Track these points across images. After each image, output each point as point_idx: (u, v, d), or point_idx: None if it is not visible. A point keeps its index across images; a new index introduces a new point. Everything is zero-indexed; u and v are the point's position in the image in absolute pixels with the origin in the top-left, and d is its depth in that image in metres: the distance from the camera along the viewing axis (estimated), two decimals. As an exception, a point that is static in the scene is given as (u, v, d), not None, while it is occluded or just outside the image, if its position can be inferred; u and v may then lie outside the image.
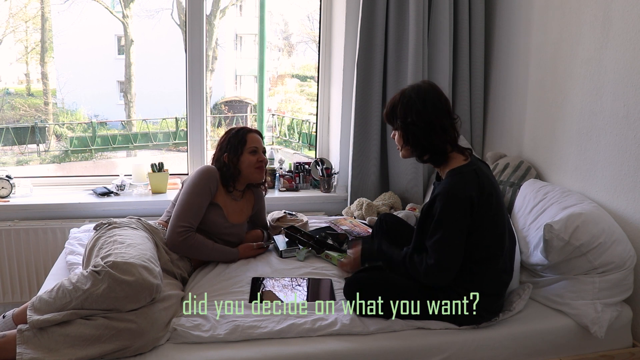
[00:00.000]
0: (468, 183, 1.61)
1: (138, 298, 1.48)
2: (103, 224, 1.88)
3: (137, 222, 1.95)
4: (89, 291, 1.44)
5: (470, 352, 1.65)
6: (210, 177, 2.05)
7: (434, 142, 1.68)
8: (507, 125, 2.72)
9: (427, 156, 1.73)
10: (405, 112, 1.69)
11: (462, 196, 1.59)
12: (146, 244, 1.75)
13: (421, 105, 1.67)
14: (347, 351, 1.56)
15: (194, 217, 1.98)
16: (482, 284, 1.67)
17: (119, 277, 1.45)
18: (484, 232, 1.63)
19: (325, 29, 3.10)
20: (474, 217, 1.61)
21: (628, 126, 1.92)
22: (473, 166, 1.67)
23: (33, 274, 2.64)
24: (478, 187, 1.61)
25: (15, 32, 4.95)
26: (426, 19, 2.72)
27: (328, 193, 3.01)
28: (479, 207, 1.60)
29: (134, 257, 1.56)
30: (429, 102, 1.67)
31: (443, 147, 1.69)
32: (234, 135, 2.14)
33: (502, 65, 2.77)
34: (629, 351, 1.83)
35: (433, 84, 1.75)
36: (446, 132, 1.68)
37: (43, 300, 1.47)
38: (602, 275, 1.78)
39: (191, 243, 1.95)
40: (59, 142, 5.56)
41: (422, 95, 1.68)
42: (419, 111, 1.67)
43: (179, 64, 3.03)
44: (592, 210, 1.85)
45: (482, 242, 1.64)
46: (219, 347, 1.53)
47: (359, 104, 2.79)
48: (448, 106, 1.72)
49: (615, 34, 1.97)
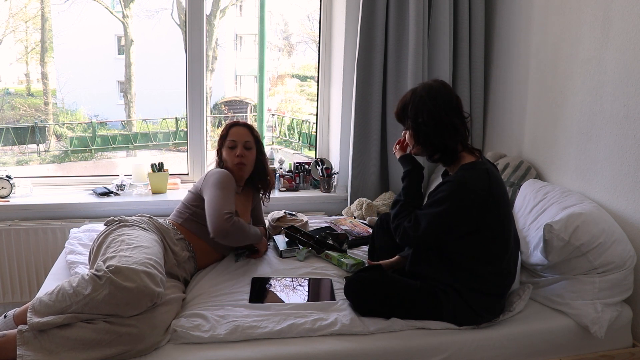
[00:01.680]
0: (479, 178, 1.61)
1: (139, 304, 1.47)
2: (114, 220, 1.88)
3: (149, 222, 1.94)
4: (89, 296, 1.43)
5: (470, 352, 1.65)
6: (230, 176, 2.06)
7: (445, 141, 1.67)
8: (507, 125, 2.72)
9: (437, 155, 1.72)
10: (417, 111, 1.68)
11: (472, 187, 1.58)
12: (154, 247, 1.74)
13: (432, 105, 1.66)
14: (347, 351, 1.56)
15: (231, 205, 1.96)
16: (484, 284, 1.67)
17: (120, 283, 1.44)
18: (490, 233, 1.63)
19: (325, 29, 3.10)
20: (481, 216, 1.60)
21: (628, 126, 1.92)
22: (485, 165, 1.67)
23: (33, 274, 2.64)
24: (489, 185, 1.60)
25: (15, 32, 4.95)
26: (426, 19, 2.72)
27: (328, 193, 3.01)
28: (485, 205, 1.59)
29: (137, 262, 1.55)
30: (440, 101, 1.66)
31: (454, 146, 1.68)
32: (223, 128, 2.17)
33: (502, 65, 2.77)
34: (629, 351, 1.83)
35: (444, 82, 1.73)
36: (457, 131, 1.67)
37: (43, 302, 1.47)
38: (602, 275, 1.77)
39: (238, 226, 1.92)
40: (59, 142, 5.56)
41: (433, 94, 1.67)
42: (430, 110, 1.66)
43: (179, 64, 3.03)
44: (592, 210, 1.85)
45: (487, 243, 1.64)
46: (219, 347, 1.52)
47: (359, 104, 2.79)
48: (459, 105, 1.70)
49: (615, 34, 1.97)
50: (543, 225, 1.81)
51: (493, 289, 1.69)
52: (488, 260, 1.66)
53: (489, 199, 1.59)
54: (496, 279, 1.69)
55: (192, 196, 2.10)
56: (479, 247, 1.64)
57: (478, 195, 1.58)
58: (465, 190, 1.59)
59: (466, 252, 1.65)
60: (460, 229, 1.62)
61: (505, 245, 1.68)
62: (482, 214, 1.60)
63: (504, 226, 1.66)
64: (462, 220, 1.61)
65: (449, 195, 1.60)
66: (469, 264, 1.65)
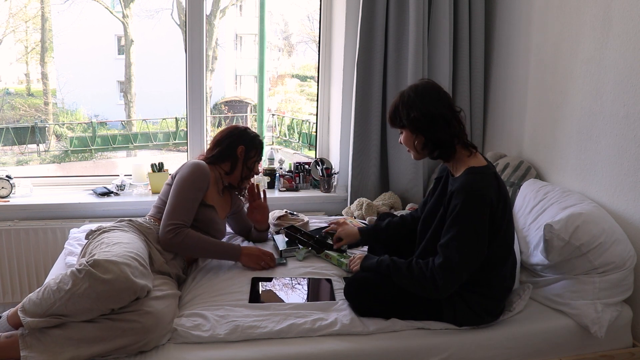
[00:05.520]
0: (489, 185, 1.62)
1: (120, 297, 1.46)
2: (93, 231, 1.86)
3: (128, 224, 1.90)
4: (70, 291, 1.43)
5: (470, 352, 1.65)
6: (205, 173, 1.98)
7: (439, 135, 1.68)
8: (507, 125, 2.72)
9: (436, 152, 1.72)
10: (408, 109, 1.70)
11: (484, 195, 1.59)
12: (134, 243, 1.72)
13: (420, 101, 1.68)
14: (347, 351, 1.56)
15: (187, 214, 1.89)
16: (487, 287, 1.67)
17: (99, 276, 1.43)
18: (495, 237, 1.63)
19: (325, 29, 3.10)
20: (492, 221, 1.60)
21: (628, 126, 1.92)
22: (492, 169, 1.68)
23: (33, 274, 2.64)
24: (498, 191, 1.61)
25: (15, 32, 4.95)
26: (426, 19, 2.73)
27: (328, 193, 3.01)
28: (495, 211, 1.60)
29: (117, 254, 1.53)
30: (427, 97, 1.69)
31: (450, 140, 1.68)
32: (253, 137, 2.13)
33: (502, 65, 2.77)
34: (629, 351, 1.83)
35: (430, 80, 1.77)
36: (450, 125, 1.68)
37: (32, 301, 1.48)
38: (602, 275, 1.77)
39: (184, 240, 1.84)
40: (59, 142, 5.56)
41: (420, 91, 1.70)
42: (419, 107, 1.68)
43: (179, 64, 3.03)
44: (592, 210, 1.85)
45: (491, 247, 1.63)
46: (219, 347, 1.53)
47: (359, 104, 2.79)
48: (448, 99, 1.72)
49: (615, 34, 1.98)
50: (543, 225, 1.81)
51: (495, 292, 1.69)
52: (492, 265, 1.66)
53: (498, 206, 1.60)
54: (499, 282, 1.70)
55: (167, 189, 2.02)
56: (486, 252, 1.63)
57: (489, 203, 1.58)
58: (477, 198, 1.58)
59: None
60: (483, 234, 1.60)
61: (508, 248, 1.69)
62: (493, 219, 1.60)
63: (507, 231, 1.67)
64: (482, 228, 1.59)
65: (462, 208, 1.58)
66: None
